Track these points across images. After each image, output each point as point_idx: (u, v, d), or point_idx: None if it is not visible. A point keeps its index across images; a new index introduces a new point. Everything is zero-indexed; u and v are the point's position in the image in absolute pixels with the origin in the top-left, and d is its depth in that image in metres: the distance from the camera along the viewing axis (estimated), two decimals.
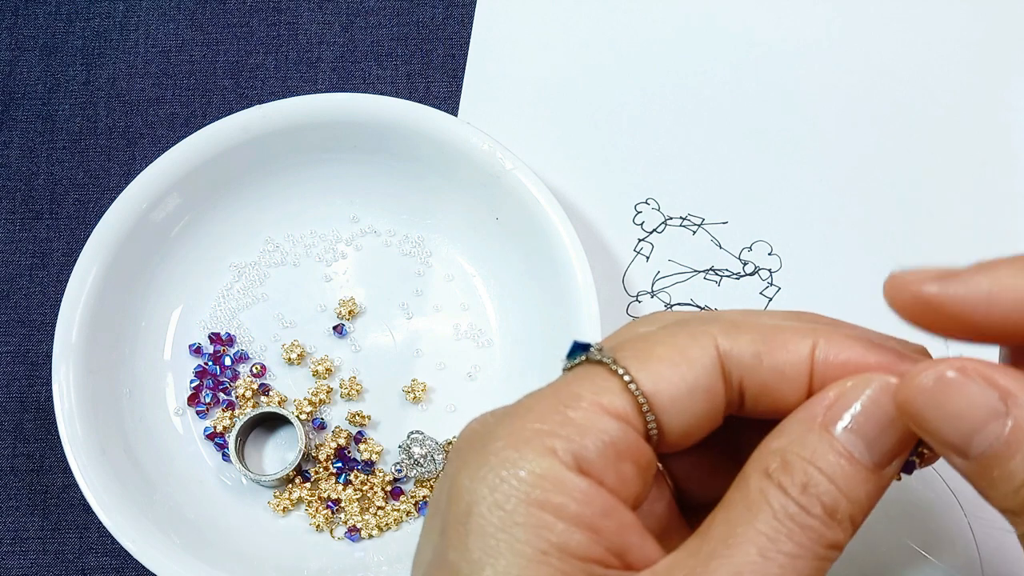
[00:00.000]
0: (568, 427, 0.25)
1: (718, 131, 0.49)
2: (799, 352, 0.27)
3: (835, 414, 0.26)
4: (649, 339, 0.27)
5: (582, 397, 0.26)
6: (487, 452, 0.25)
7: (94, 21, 0.51)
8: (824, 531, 0.25)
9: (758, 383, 0.27)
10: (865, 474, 0.25)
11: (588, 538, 0.24)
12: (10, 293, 0.48)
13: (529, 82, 0.49)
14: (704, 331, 0.27)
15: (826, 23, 0.50)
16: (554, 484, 0.24)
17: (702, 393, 0.27)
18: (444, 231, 0.47)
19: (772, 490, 0.25)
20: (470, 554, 0.24)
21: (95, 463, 0.41)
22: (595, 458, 0.25)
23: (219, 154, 0.44)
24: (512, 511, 0.24)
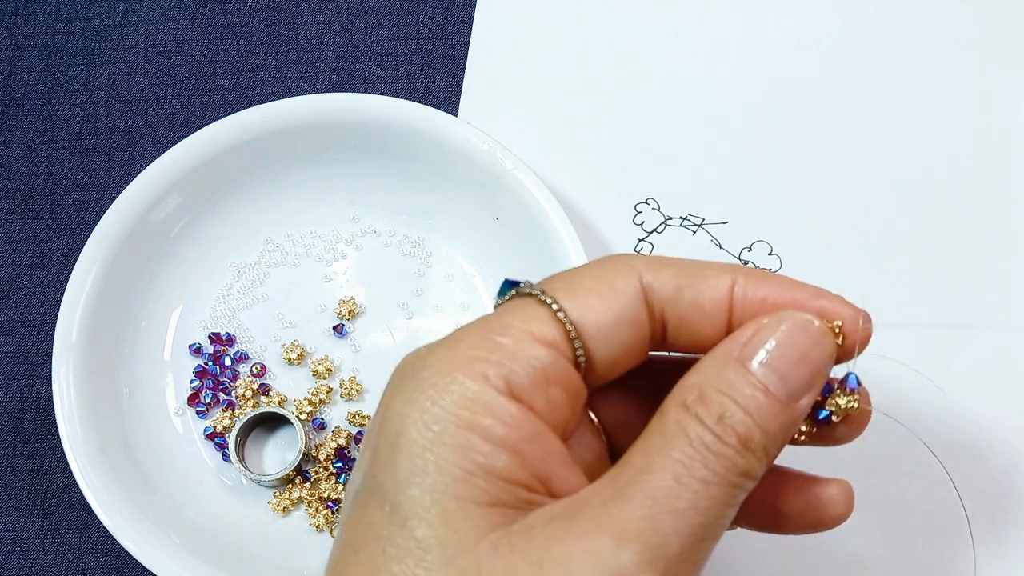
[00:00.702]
0: (498, 352, 0.26)
1: (718, 131, 0.49)
2: (719, 287, 0.28)
3: (751, 350, 0.26)
4: (576, 272, 0.28)
5: (512, 326, 0.27)
6: (419, 379, 0.26)
7: (94, 21, 0.51)
8: (737, 459, 0.25)
9: (678, 315, 0.28)
10: (779, 407, 0.26)
11: (513, 461, 0.25)
12: (10, 293, 0.48)
13: (529, 82, 0.49)
14: (628, 264, 0.28)
15: (826, 23, 0.50)
16: (483, 407, 0.25)
17: (627, 322, 0.28)
18: (444, 231, 0.47)
19: (689, 421, 0.26)
20: (397, 473, 0.25)
21: (95, 463, 0.41)
22: (525, 383, 0.26)
23: (219, 154, 0.44)
24: (440, 432, 0.25)
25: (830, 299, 0.28)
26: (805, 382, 0.27)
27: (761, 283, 0.28)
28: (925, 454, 0.44)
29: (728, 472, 0.25)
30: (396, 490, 0.25)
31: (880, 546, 0.43)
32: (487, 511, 0.25)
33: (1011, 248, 0.47)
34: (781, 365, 0.26)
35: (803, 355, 0.27)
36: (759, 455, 0.26)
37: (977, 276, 0.46)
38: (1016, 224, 0.47)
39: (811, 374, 0.27)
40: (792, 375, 0.26)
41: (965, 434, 0.44)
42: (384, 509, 0.25)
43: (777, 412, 0.26)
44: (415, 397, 0.25)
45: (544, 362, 0.26)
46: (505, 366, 0.26)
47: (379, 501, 0.25)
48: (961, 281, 0.46)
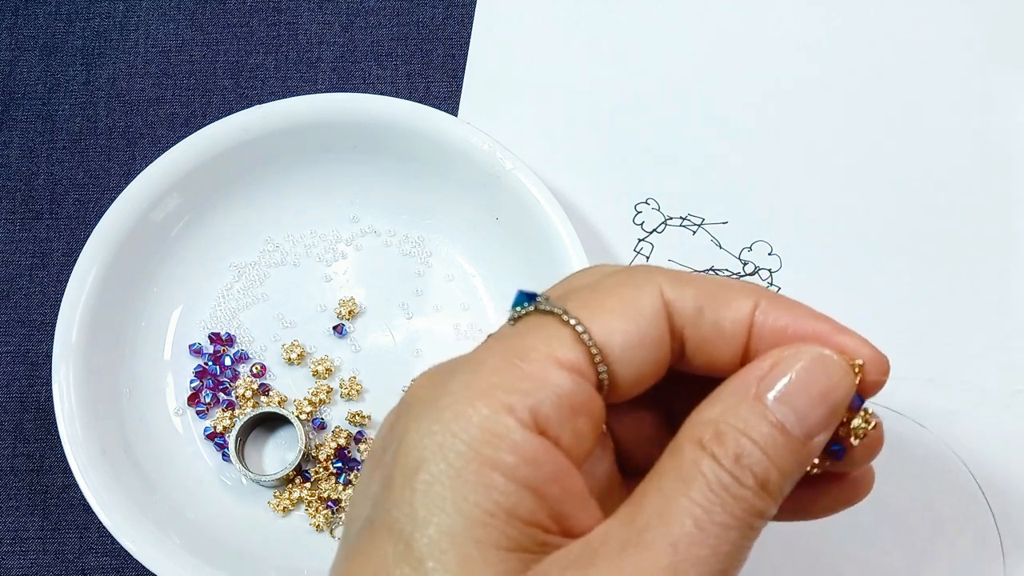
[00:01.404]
0: (524, 381, 0.25)
1: (718, 131, 0.49)
2: (740, 310, 0.27)
3: (768, 384, 0.26)
4: (597, 289, 0.27)
5: (535, 349, 0.25)
6: (439, 407, 0.24)
7: (94, 21, 0.51)
8: (755, 501, 0.25)
9: (698, 336, 0.27)
10: (795, 444, 0.26)
11: (535, 502, 0.24)
12: (10, 293, 0.48)
13: (529, 82, 0.49)
14: (651, 280, 0.27)
15: (826, 23, 0.50)
16: (508, 443, 0.24)
17: (652, 343, 0.27)
18: (444, 231, 0.47)
19: (705, 460, 0.25)
20: (415, 511, 0.24)
21: (95, 463, 0.41)
22: (551, 414, 0.25)
23: (219, 154, 0.44)
24: (462, 469, 0.24)
25: (851, 337, 0.27)
26: (823, 420, 0.26)
27: (784, 311, 0.27)
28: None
29: (746, 514, 0.25)
30: (412, 528, 0.24)
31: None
32: (505, 556, 0.24)
33: (1011, 248, 0.47)
34: (799, 402, 0.26)
35: (822, 393, 0.26)
36: (775, 496, 0.25)
37: (977, 276, 0.46)
38: (1016, 224, 0.47)
39: (829, 412, 0.26)
40: (810, 413, 0.26)
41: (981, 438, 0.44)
42: (398, 547, 0.24)
43: (793, 450, 0.26)
44: (435, 428, 0.24)
45: (569, 390, 0.25)
46: (531, 396, 0.25)
47: (393, 537, 0.24)
48: (961, 281, 0.46)
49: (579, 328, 0.26)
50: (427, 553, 0.23)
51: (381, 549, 0.24)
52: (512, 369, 0.25)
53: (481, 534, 0.23)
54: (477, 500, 0.23)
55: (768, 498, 0.25)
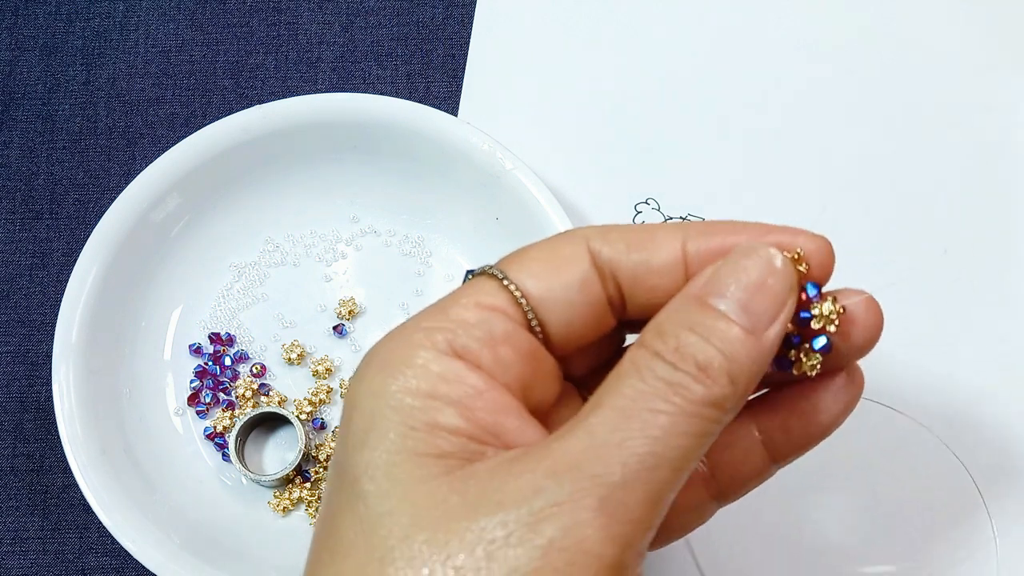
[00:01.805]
0: (444, 321, 0.27)
1: (718, 131, 0.49)
2: (669, 246, 0.28)
3: (710, 287, 0.26)
4: (528, 247, 0.29)
5: (461, 298, 0.28)
6: (370, 356, 0.27)
7: (94, 21, 0.51)
8: (694, 385, 0.25)
9: (631, 276, 0.28)
10: (743, 334, 0.26)
11: (458, 414, 0.25)
12: (10, 293, 0.48)
13: (529, 82, 0.49)
14: (576, 233, 0.29)
15: (826, 23, 0.50)
16: (423, 369, 0.26)
17: (576, 284, 0.28)
18: (444, 231, 0.47)
19: (643, 355, 0.25)
20: (347, 444, 0.26)
21: (95, 463, 0.41)
22: (469, 342, 0.26)
23: (219, 154, 0.44)
24: (386, 399, 0.26)
25: (785, 231, 0.28)
26: (768, 310, 0.26)
27: (713, 233, 0.28)
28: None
29: (685, 401, 0.25)
30: (345, 457, 0.26)
31: (894, 551, 0.43)
32: (431, 461, 0.25)
33: (1011, 247, 0.47)
34: (741, 295, 0.26)
35: (761, 283, 0.26)
36: (722, 381, 0.25)
37: (977, 275, 0.46)
38: (1016, 223, 0.47)
39: (773, 301, 0.26)
40: (753, 303, 0.26)
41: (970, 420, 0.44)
42: (339, 479, 0.26)
43: (742, 340, 0.26)
44: (364, 373, 0.26)
45: (490, 324, 0.27)
46: (448, 330, 0.26)
47: (335, 473, 0.26)
48: (961, 281, 0.46)
49: (499, 275, 0.28)
50: (357, 473, 0.25)
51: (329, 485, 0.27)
52: (437, 313, 0.27)
53: (404, 444, 0.25)
54: (400, 419, 0.25)
55: (712, 382, 0.25)
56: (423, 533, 0.24)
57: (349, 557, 0.25)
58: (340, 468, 0.26)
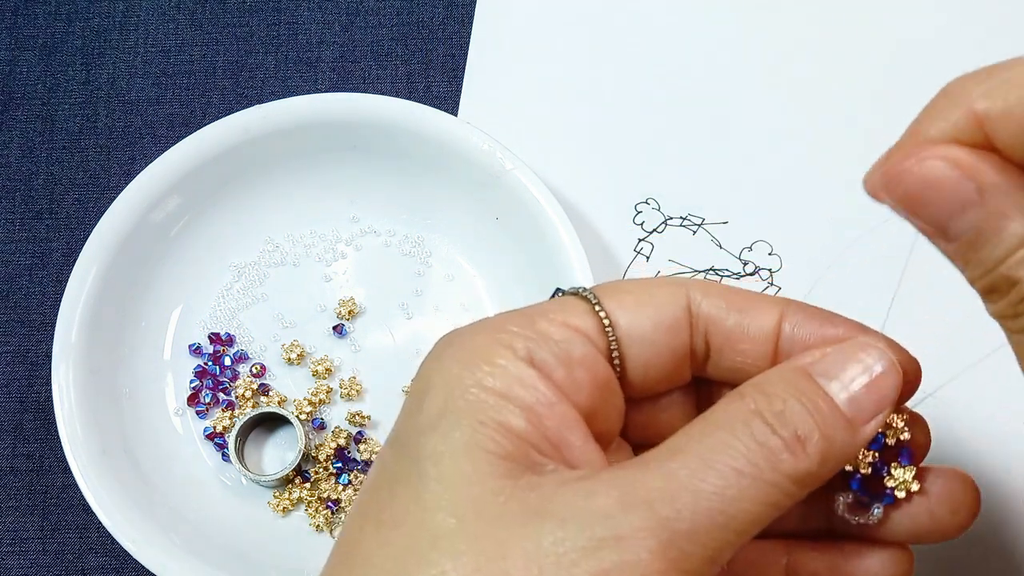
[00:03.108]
0: (529, 329, 0.27)
1: (718, 131, 0.49)
2: (767, 314, 0.28)
3: (821, 366, 0.26)
4: (627, 281, 0.30)
5: (550, 312, 0.28)
6: (451, 344, 0.27)
7: (94, 21, 0.51)
8: (784, 455, 0.24)
9: (723, 335, 0.28)
10: (844, 421, 0.25)
11: (526, 419, 0.25)
12: (10, 293, 0.48)
13: (529, 82, 0.49)
14: (679, 281, 0.29)
15: (826, 23, 0.50)
16: (501, 371, 0.26)
17: (666, 326, 0.28)
18: (444, 231, 0.47)
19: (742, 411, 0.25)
20: (418, 426, 0.26)
21: (95, 463, 0.41)
22: (548, 357, 0.26)
23: (219, 154, 0.44)
24: (462, 390, 0.26)
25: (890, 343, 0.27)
26: (872, 406, 0.26)
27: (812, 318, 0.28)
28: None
29: (770, 467, 0.24)
30: (413, 436, 0.26)
31: None
32: (495, 460, 0.25)
33: None
34: (850, 383, 0.26)
35: (873, 380, 0.26)
36: (814, 459, 0.24)
37: None
38: None
39: (879, 399, 0.26)
40: (860, 396, 0.26)
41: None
42: (399, 453, 0.26)
43: (843, 425, 0.25)
44: (442, 358, 0.26)
45: (571, 344, 0.27)
46: (532, 340, 0.26)
47: (397, 448, 0.26)
48: (961, 280, 0.46)
49: (592, 300, 0.28)
50: (422, 455, 0.25)
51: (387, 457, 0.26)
52: (522, 321, 0.27)
53: (472, 439, 0.25)
54: (471, 413, 0.25)
55: (804, 456, 0.24)
56: (478, 528, 0.24)
57: (399, 529, 0.24)
58: (404, 444, 0.26)
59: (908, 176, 0.26)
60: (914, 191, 0.26)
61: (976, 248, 0.25)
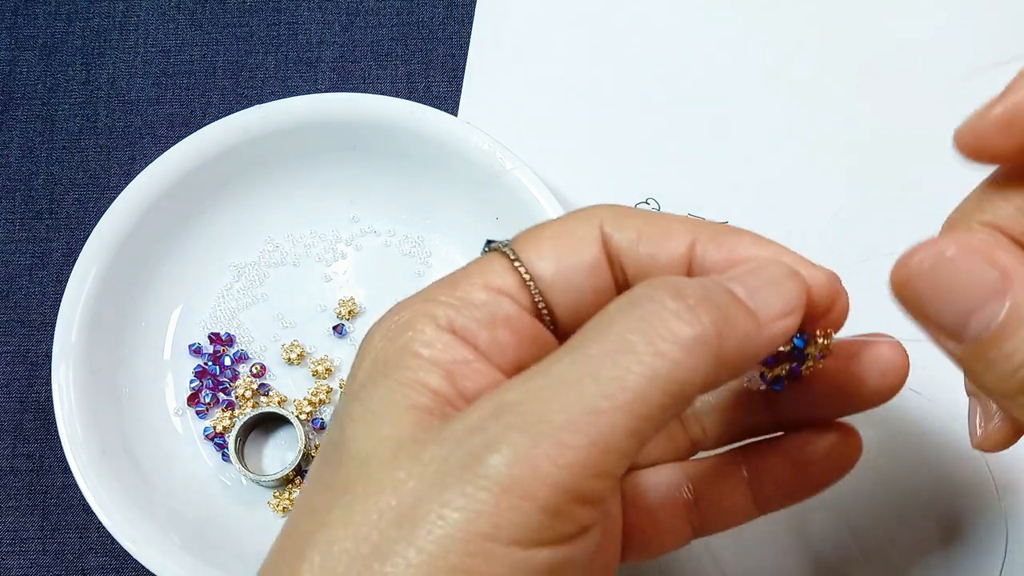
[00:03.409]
0: (451, 297, 0.28)
1: (718, 131, 0.49)
2: (677, 243, 0.28)
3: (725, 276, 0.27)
4: (543, 224, 0.29)
5: (470, 275, 0.28)
6: (381, 325, 0.28)
7: (94, 21, 0.51)
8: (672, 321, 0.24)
9: (637, 267, 0.28)
10: (741, 305, 0.25)
11: (443, 377, 0.26)
12: (10, 293, 0.48)
13: (529, 82, 0.49)
14: (592, 215, 0.29)
15: (826, 22, 0.50)
16: (422, 339, 0.27)
17: (586, 268, 0.28)
18: (444, 231, 0.47)
19: (625, 296, 0.25)
20: (345, 399, 0.27)
21: (95, 463, 0.41)
22: (468, 323, 0.27)
23: (219, 154, 0.44)
24: (384, 359, 0.27)
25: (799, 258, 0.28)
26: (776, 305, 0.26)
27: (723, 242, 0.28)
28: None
29: (655, 334, 0.24)
30: (342, 408, 0.27)
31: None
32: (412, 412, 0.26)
33: None
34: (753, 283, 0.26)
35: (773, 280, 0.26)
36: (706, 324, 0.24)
37: None
38: None
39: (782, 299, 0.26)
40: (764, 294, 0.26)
41: None
42: (331, 426, 0.28)
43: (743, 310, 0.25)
44: (372, 337, 0.28)
45: (493, 306, 0.28)
46: (452, 308, 0.27)
47: (333, 419, 0.28)
48: None
49: (511, 256, 0.28)
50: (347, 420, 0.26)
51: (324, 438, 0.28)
52: (446, 288, 0.28)
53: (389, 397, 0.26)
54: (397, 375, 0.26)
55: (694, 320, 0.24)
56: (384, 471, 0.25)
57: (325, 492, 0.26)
58: (338, 414, 0.27)
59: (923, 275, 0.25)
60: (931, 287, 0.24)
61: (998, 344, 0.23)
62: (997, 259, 0.24)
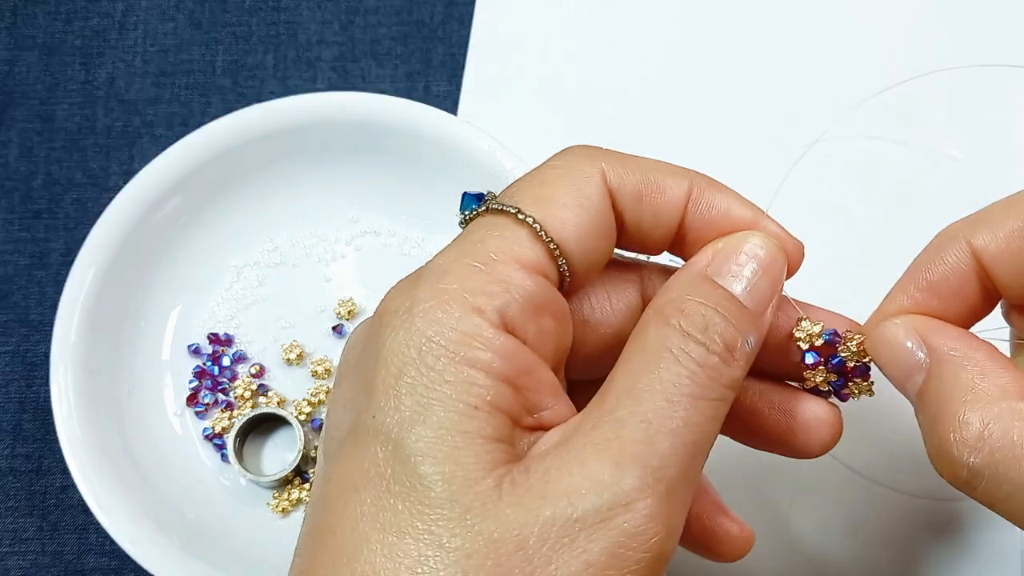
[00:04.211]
0: (489, 284, 0.26)
1: (719, 131, 0.49)
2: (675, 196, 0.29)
3: (716, 268, 0.28)
4: (545, 182, 0.28)
5: (496, 252, 0.26)
6: (413, 314, 0.25)
7: (93, 20, 0.51)
8: (723, 368, 0.26)
9: (637, 221, 0.29)
10: (751, 316, 0.27)
11: (512, 394, 0.25)
12: (9, 293, 0.48)
13: (529, 82, 0.49)
14: (595, 166, 0.28)
15: (826, 22, 0.50)
16: (481, 342, 0.25)
17: (603, 231, 0.28)
18: (444, 231, 0.47)
19: (672, 335, 0.26)
20: (401, 413, 0.25)
21: (94, 464, 0.41)
22: (516, 314, 0.26)
23: (218, 154, 0.44)
24: (442, 370, 0.25)
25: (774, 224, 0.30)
26: (767, 292, 0.28)
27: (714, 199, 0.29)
28: None
29: (715, 383, 0.26)
30: (400, 429, 0.24)
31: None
32: (491, 446, 0.25)
33: None
34: (744, 277, 0.28)
35: (761, 268, 0.28)
36: (742, 363, 0.27)
37: None
38: None
39: (770, 284, 0.28)
40: (756, 287, 0.28)
41: None
42: (387, 448, 0.25)
43: (750, 319, 0.27)
44: (413, 336, 0.25)
45: (533, 291, 0.26)
46: (497, 298, 0.26)
47: (380, 440, 0.25)
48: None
49: (536, 226, 0.27)
50: (414, 449, 0.24)
51: (369, 451, 0.25)
52: (477, 273, 0.26)
53: (467, 426, 0.24)
54: (459, 396, 0.25)
55: (735, 363, 0.26)
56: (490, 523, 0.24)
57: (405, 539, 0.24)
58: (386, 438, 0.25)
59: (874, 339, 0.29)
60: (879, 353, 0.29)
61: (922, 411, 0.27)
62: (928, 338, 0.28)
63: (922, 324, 0.28)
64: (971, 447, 0.25)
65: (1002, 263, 0.28)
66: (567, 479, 0.24)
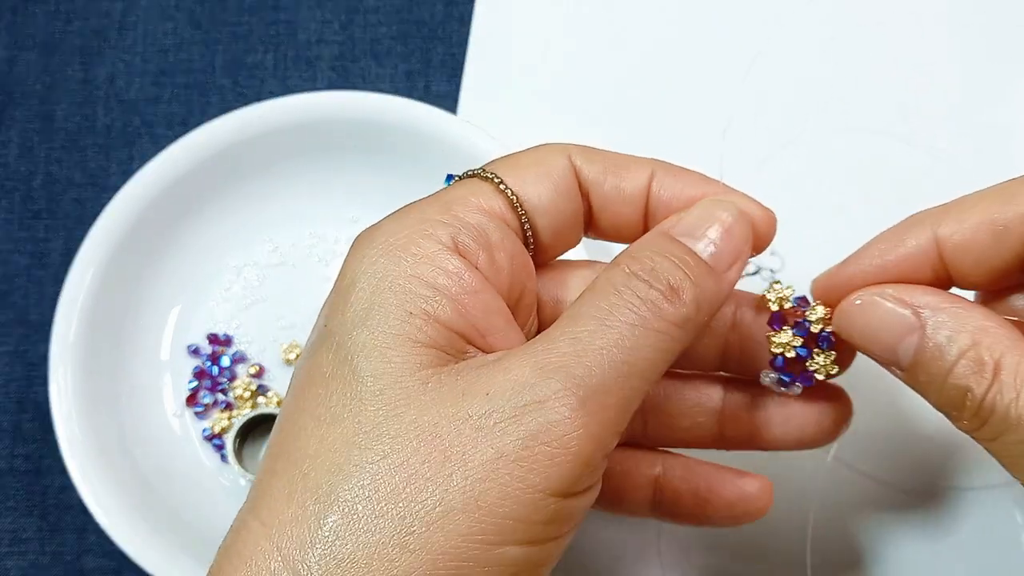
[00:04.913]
0: (447, 215, 0.28)
1: (719, 131, 0.48)
2: (638, 177, 0.31)
3: (682, 228, 0.29)
4: (513, 155, 0.31)
5: (460, 196, 0.29)
6: (373, 239, 0.28)
7: (92, 20, 0.51)
8: (664, 303, 0.27)
9: (602, 198, 0.31)
10: (707, 269, 0.28)
11: (453, 309, 0.27)
12: (8, 293, 0.48)
13: (529, 81, 0.49)
14: (559, 148, 0.31)
15: (828, 21, 0.50)
16: (428, 259, 0.27)
17: (564, 194, 0.30)
18: None
19: (618, 274, 0.28)
20: (345, 318, 0.27)
21: (93, 464, 0.41)
22: (470, 243, 0.28)
23: (218, 153, 0.44)
24: (389, 282, 0.27)
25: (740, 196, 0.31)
26: (731, 254, 0.29)
27: (676, 178, 0.31)
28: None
29: (655, 316, 0.27)
30: (343, 333, 0.27)
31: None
32: (423, 350, 0.26)
33: None
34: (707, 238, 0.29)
35: (726, 231, 0.29)
36: (690, 305, 0.27)
37: None
38: None
39: (735, 248, 0.29)
40: (719, 247, 0.29)
41: None
42: (332, 349, 0.27)
43: (707, 272, 0.28)
44: (367, 254, 0.28)
45: (487, 226, 0.28)
46: (452, 227, 0.28)
47: (327, 344, 0.27)
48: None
49: (497, 180, 0.29)
50: (353, 349, 0.26)
51: (319, 356, 0.27)
52: (438, 209, 0.29)
53: (400, 329, 0.26)
54: (399, 303, 0.27)
55: (680, 303, 0.27)
56: (412, 413, 0.25)
57: (336, 426, 0.26)
58: (333, 341, 0.27)
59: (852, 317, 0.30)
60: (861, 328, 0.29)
61: (925, 368, 0.28)
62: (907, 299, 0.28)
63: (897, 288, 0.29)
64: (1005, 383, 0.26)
65: (965, 253, 0.29)
66: (491, 380, 0.26)
